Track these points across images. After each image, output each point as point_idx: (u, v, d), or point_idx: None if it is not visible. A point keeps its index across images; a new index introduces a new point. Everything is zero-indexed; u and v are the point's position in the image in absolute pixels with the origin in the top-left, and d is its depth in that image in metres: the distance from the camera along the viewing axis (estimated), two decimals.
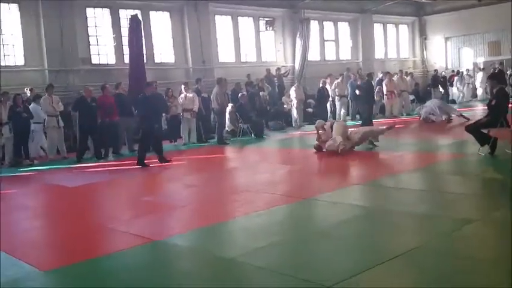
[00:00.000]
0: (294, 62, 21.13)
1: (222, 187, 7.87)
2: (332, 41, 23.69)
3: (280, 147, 12.94)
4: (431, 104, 15.35)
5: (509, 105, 8.59)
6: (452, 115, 14.83)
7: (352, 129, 10.81)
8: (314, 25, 22.22)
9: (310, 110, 18.38)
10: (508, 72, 22.76)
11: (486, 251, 4.20)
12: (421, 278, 3.70)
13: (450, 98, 22.75)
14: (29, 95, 12.87)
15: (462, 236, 4.51)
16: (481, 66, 24.28)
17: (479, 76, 23.31)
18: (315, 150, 10.46)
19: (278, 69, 19.75)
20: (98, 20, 16.29)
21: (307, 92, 18.43)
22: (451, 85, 23.05)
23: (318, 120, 11.31)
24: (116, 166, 10.99)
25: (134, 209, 6.68)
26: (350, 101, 17.98)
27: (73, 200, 7.78)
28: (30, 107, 12.13)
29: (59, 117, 12.37)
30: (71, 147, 12.89)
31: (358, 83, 17.20)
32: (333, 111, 18.12)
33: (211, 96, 13.99)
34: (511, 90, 16.86)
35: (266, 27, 20.88)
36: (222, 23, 19.67)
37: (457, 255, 4.07)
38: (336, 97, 17.81)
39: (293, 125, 17.02)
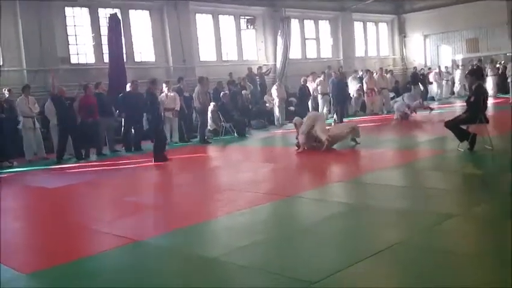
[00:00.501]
0: (275, 61, 21.16)
1: (205, 186, 7.85)
2: (313, 39, 23.79)
3: (263, 146, 12.95)
4: (402, 98, 15.62)
5: (488, 102, 8.72)
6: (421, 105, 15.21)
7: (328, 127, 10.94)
8: (295, 23, 22.28)
9: (292, 108, 18.43)
10: (487, 68, 23.14)
11: (467, 245, 4.27)
12: (404, 272, 3.75)
13: (429, 95, 23.03)
14: (7, 95, 12.66)
15: (443, 231, 4.57)
16: (460, 63, 24.64)
17: (458, 73, 23.65)
18: (296, 148, 10.49)
19: (260, 67, 19.76)
20: (77, 19, 16.11)
21: (289, 91, 18.48)
22: (430, 83, 23.32)
23: (295, 118, 11.29)
24: (97, 166, 10.88)
25: (116, 210, 6.62)
26: (332, 98, 18.07)
27: (54, 201, 7.68)
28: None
29: (35, 119, 12.21)
30: (50, 148, 12.71)
31: (336, 80, 17.38)
32: (316, 110, 18.18)
33: (193, 95, 13.94)
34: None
35: (247, 26, 20.87)
36: (203, 22, 19.60)
37: (438, 250, 4.12)
38: (319, 95, 17.88)
39: (275, 124, 17.05)
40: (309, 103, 17.93)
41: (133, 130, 13.08)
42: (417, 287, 3.45)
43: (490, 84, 21.59)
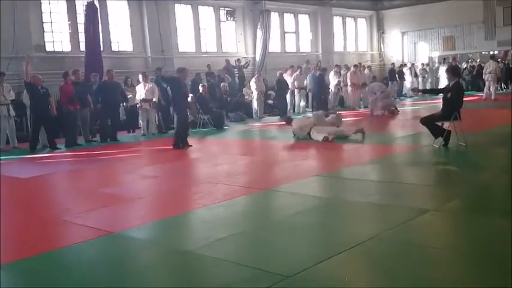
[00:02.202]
0: (254, 53, 21.11)
1: (182, 178, 7.79)
2: (292, 33, 23.80)
3: (241, 139, 12.92)
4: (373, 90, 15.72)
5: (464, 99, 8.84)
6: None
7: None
8: (274, 17, 22.26)
9: (270, 101, 18.44)
10: (464, 65, 23.56)
11: (441, 240, 4.33)
12: (379, 266, 3.77)
13: (403, 92, 23.25)
14: None
15: (418, 226, 4.62)
16: (436, 61, 24.98)
17: (434, 70, 23.97)
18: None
19: (238, 60, 19.69)
20: (53, 6, 15.76)
21: (268, 84, 18.45)
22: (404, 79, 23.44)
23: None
24: (71, 157, 10.70)
25: (91, 201, 6.51)
26: (312, 93, 18.14)
27: (27, 191, 7.52)
28: None
29: (10, 106, 11.91)
30: (24, 137, 12.44)
31: (317, 74, 17.42)
32: (293, 103, 18.24)
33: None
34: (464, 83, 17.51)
35: (227, 18, 20.75)
36: (182, 12, 19.41)
37: (414, 244, 4.16)
38: (296, 89, 17.91)
39: (254, 117, 17.03)
40: (287, 97, 17.93)
41: (109, 121, 12.90)
42: (392, 281, 3.48)
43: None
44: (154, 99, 13.45)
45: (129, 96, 13.75)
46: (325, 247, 4.24)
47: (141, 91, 13.51)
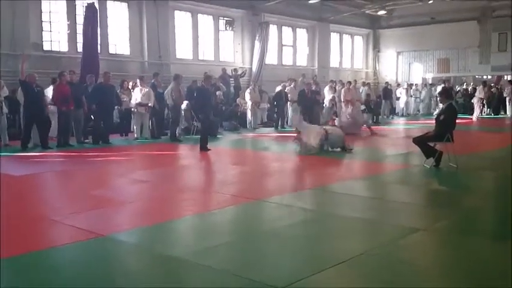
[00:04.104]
0: (251, 64, 21.21)
1: (173, 185, 7.77)
2: (290, 46, 23.97)
3: (234, 148, 12.92)
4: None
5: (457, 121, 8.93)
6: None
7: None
8: (273, 29, 22.43)
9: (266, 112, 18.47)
10: (458, 88, 23.86)
11: (429, 258, 4.36)
12: (368, 283, 3.79)
13: (396, 111, 23.42)
14: None
15: (407, 245, 4.66)
16: (429, 82, 25.25)
17: (427, 91, 24.19)
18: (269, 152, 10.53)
19: (235, 69, 19.77)
20: (53, 5, 15.77)
21: (267, 95, 18.46)
22: (397, 98, 23.64)
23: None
24: (63, 157, 10.64)
25: (82, 202, 6.48)
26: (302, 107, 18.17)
27: (17, 189, 7.46)
28: None
29: (3, 103, 11.85)
30: (17, 135, 12.35)
31: (313, 88, 17.49)
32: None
33: (166, 92, 13.81)
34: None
35: (226, 27, 20.87)
36: (181, 19, 19.50)
37: (403, 262, 4.19)
38: (288, 102, 17.94)
39: (247, 127, 17.06)
40: (289, 110, 17.89)
41: (102, 123, 12.86)
42: None
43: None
44: (150, 104, 13.43)
45: (123, 100, 13.72)
46: (315, 260, 4.25)
47: (137, 95, 13.49)
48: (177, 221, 5.63)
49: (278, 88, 17.76)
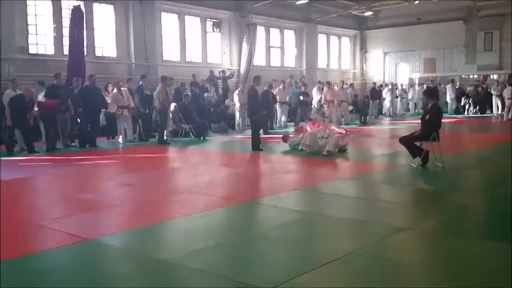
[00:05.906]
0: (239, 66, 21.22)
1: (161, 187, 7.74)
2: (278, 48, 24.02)
3: (222, 150, 12.92)
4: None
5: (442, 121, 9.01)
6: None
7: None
8: (261, 30, 22.47)
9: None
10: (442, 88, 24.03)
11: (416, 257, 4.40)
12: (356, 281, 3.82)
13: (383, 111, 23.56)
14: None
15: (395, 243, 4.69)
16: (416, 82, 25.45)
17: (413, 91, 24.38)
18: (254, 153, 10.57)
19: (223, 71, 19.76)
20: (39, 8, 15.66)
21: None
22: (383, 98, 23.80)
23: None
24: (49, 161, 10.55)
25: (69, 206, 6.44)
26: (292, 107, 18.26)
27: (4, 194, 7.38)
28: None
29: None
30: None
31: (302, 89, 17.54)
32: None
33: (154, 94, 13.77)
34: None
35: (213, 29, 20.88)
36: (168, 21, 19.46)
37: (390, 261, 4.23)
38: (277, 103, 17.98)
39: (236, 128, 17.05)
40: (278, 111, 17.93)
41: (89, 126, 12.77)
42: None
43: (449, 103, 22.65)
44: (131, 105, 13.28)
45: (108, 102, 13.64)
46: (304, 260, 4.26)
47: (116, 98, 13.28)
48: (166, 223, 5.61)
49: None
